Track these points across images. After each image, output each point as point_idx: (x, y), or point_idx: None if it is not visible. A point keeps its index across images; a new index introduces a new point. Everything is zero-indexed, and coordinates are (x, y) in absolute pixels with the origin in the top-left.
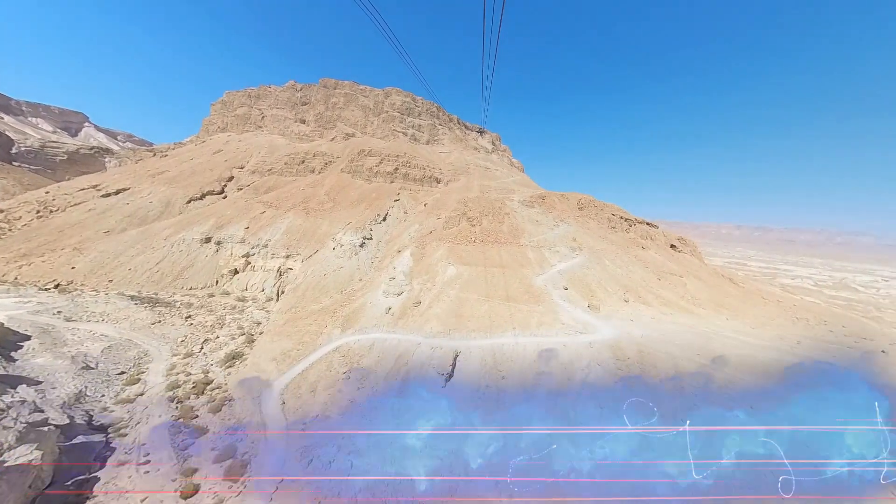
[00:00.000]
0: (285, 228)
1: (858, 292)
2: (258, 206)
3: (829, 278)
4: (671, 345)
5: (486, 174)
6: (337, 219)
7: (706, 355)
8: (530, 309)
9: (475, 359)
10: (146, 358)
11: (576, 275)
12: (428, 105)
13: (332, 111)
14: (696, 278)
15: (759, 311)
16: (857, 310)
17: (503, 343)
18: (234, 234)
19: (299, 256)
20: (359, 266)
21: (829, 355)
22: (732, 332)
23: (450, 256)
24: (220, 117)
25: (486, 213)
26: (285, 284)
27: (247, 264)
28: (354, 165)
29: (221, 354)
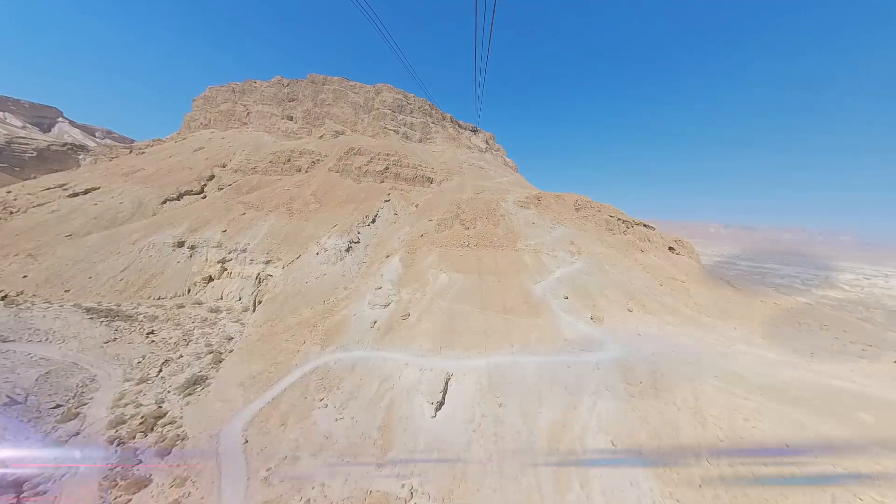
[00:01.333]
0: (266, 231)
1: (845, 291)
2: (238, 207)
3: (814, 277)
4: (685, 364)
5: (480, 174)
6: (323, 221)
7: (724, 378)
8: (529, 322)
9: (469, 383)
10: (92, 385)
11: (576, 282)
12: (420, 102)
13: (320, 108)
14: (697, 282)
15: (764, 319)
16: (849, 310)
17: (500, 363)
18: (210, 237)
19: (280, 262)
20: (344, 272)
21: (846, 370)
22: (745, 344)
23: (442, 262)
24: (202, 113)
25: (480, 214)
26: (264, 293)
27: (223, 271)
28: (343, 164)
29: (182, 379)
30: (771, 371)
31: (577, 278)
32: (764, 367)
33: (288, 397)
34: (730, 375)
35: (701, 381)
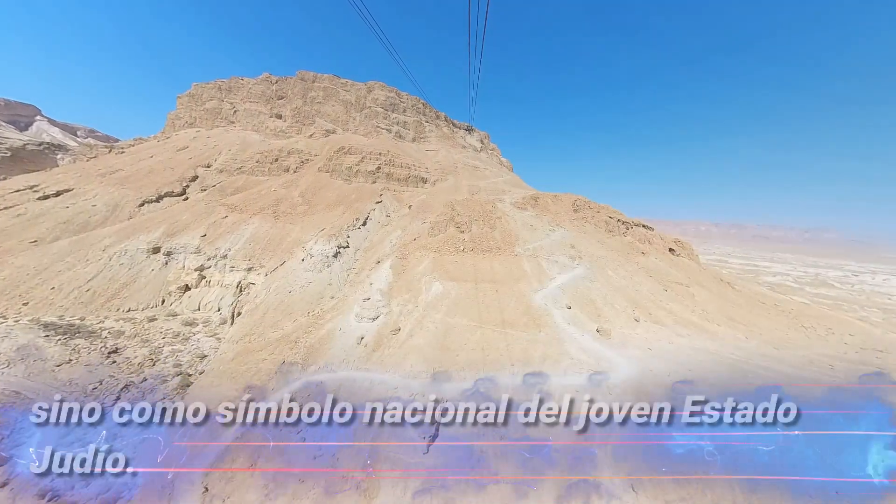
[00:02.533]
0: (249, 235)
1: (836, 288)
2: (221, 210)
3: (804, 274)
4: (705, 384)
5: (475, 173)
6: (310, 224)
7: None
8: (531, 337)
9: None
10: (30, 423)
11: (578, 289)
12: (414, 101)
13: (310, 106)
14: (700, 286)
15: (770, 324)
16: (845, 310)
17: (501, 386)
18: (188, 242)
19: (263, 269)
20: (331, 280)
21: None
22: (761, 356)
23: (435, 270)
24: (187, 111)
25: (475, 217)
26: (244, 303)
27: (201, 279)
28: (333, 164)
29: (140, 408)
30: (801, 393)
31: (579, 285)
32: (788, 383)
33: (260, 431)
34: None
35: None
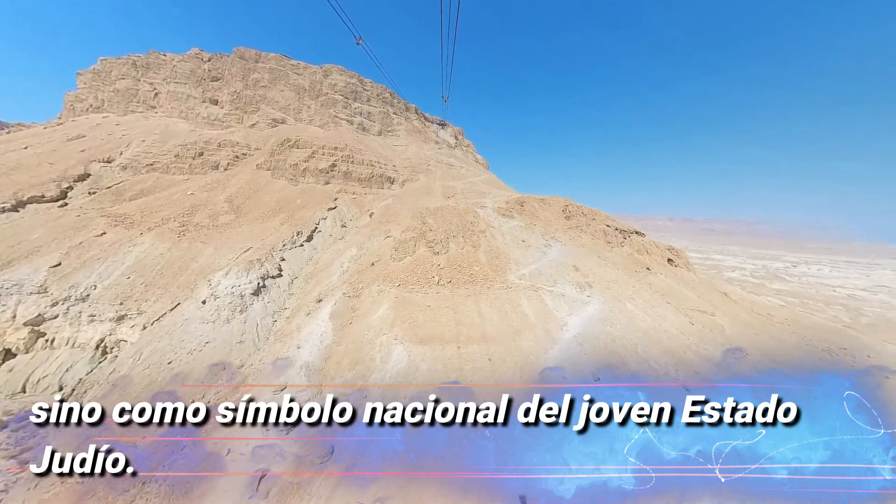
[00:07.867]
0: (132, 262)
1: (788, 281)
2: (98, 224)
3: (755, 267)
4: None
5: (450, 172)
6: (231, 241)
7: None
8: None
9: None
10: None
11: (599, 342)
12: (379, 89)
13: (253, 90)
14: (724, 314)
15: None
16: (809, 307)
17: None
18: (25, 277)
19: (142, 317)
20: (243, 336)
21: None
22: None
23: (397, 321)
24: (91, 92)
25: (453, 231)
26: (102, 377)
27: (37, 337)
28: (275, 160)
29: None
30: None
31: (599, 336)
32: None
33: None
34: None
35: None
